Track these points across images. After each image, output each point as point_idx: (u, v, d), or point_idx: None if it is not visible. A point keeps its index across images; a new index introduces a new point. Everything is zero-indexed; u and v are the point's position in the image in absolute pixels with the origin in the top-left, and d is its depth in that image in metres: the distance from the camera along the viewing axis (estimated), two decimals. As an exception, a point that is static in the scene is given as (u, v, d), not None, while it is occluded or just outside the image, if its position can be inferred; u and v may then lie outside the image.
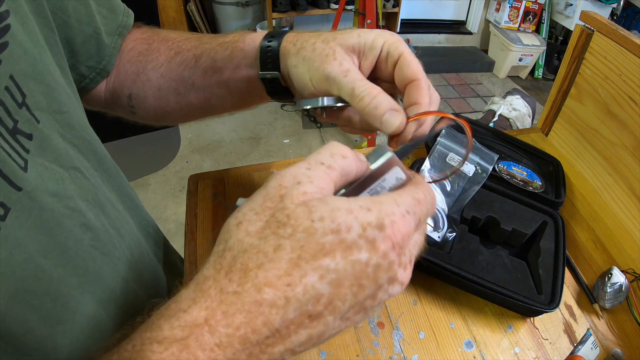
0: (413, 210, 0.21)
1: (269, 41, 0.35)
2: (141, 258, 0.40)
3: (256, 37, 0.36)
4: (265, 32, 0.36)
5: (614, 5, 2.72)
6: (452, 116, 0.29)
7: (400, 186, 0.25)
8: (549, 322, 0.47)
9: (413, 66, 0.31)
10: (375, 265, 0.20)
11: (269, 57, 0.34)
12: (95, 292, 0.31)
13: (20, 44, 0.25)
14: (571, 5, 2.79)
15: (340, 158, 0.22)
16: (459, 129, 0.56)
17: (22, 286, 0.24)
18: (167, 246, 0.53)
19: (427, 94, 0.31)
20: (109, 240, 0.33)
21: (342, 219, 0.19)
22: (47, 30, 0.30)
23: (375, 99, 0.29)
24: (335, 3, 2.54)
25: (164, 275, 0.47)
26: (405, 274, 0.21)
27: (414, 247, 0.23)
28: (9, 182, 0.23)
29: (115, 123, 0.50)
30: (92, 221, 0.31)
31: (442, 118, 0.30)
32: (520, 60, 3.02)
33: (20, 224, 0.24)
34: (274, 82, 0.35)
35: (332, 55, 0.30)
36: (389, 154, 0.24)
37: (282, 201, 0.20)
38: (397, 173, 0.24)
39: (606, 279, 0.48)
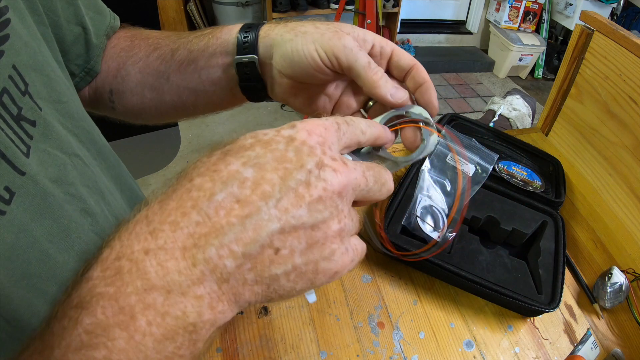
0: (326, 118, 0.23)
1: (246, 31, 0.36)
2: None
3: (232, 28, 0.37)
4: (241, 24, 0.37)
5: (614, 5, 2.72)
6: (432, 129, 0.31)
7: None
8: (549, 322, 0.47)
9: (407, 56, 0.33)
10: (295, 149, 0.20)
11: (247, 43, 0.35)
12: None
13: (20, 37, 0.26)
14: (571, 5, 2.79)
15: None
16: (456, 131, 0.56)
17: (28, 270, 0.25)
18: None
19: (427, 75, 0.33)
20: (108, 226, 0.34)
21: (260, 131, 0.22)
22: (43, 27, 0.31)
23: (384, 76, 0.31)
24: (335, 3, 2.54)
25: None
26: (335, 163, 0.21)
27: (347, 156, 0.24)
28: (12, 167, 0.24)
29: (114, 123, 0.50)
30: (92, 207, 0.32)
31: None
32: (520, 60, 3.02)
33: (25, 208, 0.25)
34: (249, 68, 0.36)
35: (342, 32, 0.31)
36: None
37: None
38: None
39: (606, 279, 0.48)
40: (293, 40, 0.32)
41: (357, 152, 0.28)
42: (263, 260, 0.19)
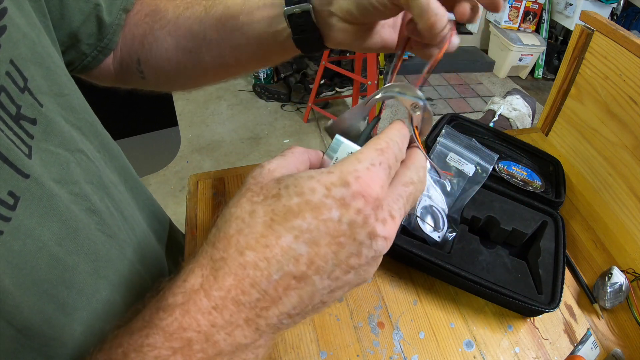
0: (378, 161, 0.21)
1: None
2: (144, 240, 0.41)
3: None
4: None
5: (614, 5, 2.72)
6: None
7: None
8: (549, 322, 0.47)
9: None
10: (349, 222, 0.20)
11: None
12: (108, 276, 0.32)
13: (18, 28, 0.25)
14: (571, 5, 2.79)
15: (293, 149, 0.25)
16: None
17: (37, 276, 0.24)
18: (170, 224, 0.52)
19: None
20: (113, 222, 0.34)
21: (305, 183, 0.20)
22: (40, 15, 0.30)
23: (444, 17, 0.27)
24: (335, 3, 2.54)
25: (165, 257, 0.47)
26: (385, 229, 0.21)
27: (396, 201, 0.22)
28: (15, 170, 0.23)
29: (115, 123, 0.50)
30: (97, 204, 0.31)
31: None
32: (520, 60, 3.02)
33: (32, 212, 0.24)
34: (303, 19, 0.32)
35: None
36: (337, 136, 0.26)
37: (254, 179, 0.22)
38: (347, 148, 0.26)
39: (606, 279, 0.48)
40: None
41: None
42: (309, 312, 0.22)
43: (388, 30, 0.34)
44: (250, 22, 0.34)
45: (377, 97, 0.28)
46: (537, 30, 3.10)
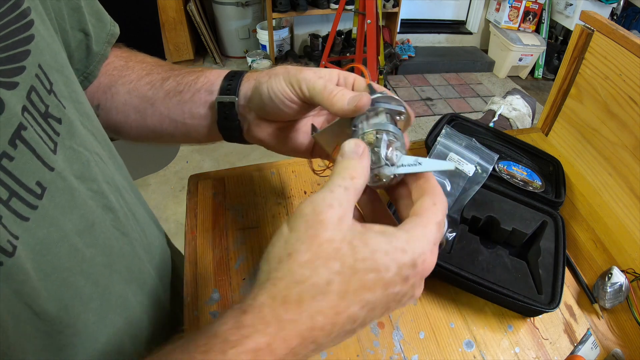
0: (438, 239, 0.25)
1: (230, 78, 0.39)
2: (153, 241, 0.43)
3: (221, 72, 0.40)
4: (227, 70, 0.41)
5: (614, 5, 2.72)
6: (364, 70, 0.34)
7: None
8: (549, 322, 0.47)
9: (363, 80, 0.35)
10: (403, 294, 0.24)
11: (230, 87, 0.38)
12: (121, 271, 0.34)
13: (43, 38, 0.27)
14: (571, 5, 2.79)
15: (349, 180, 0.25)
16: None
17: (58, 264, 0.26)
18: (168, 241, 0.54)
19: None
20: (127, 222, 0.36)
21: (382, 261, 0.22)
22: (54, 31, 0.32)
23: (341, 90, 0.31)
24: (335, 3, 2.54)
25: (171, 260, 0.49)
26: (420, 291, 0.25)
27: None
28: (42, 163, 0.25)
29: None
30: (113, 203, 0.33)
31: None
32: (520, 60, 3.02)
33: (56, 203, 0.26)
34: (228, 109, 0.38)
35: (304, 68, 0.35)
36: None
37: (325, 229, 0.23)
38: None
39: (606, 279, 0.48)
40: (268, 81, 0.35)
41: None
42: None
43: (302, 137, 0.39)
44: (192, 101, 0.40)
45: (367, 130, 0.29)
46: (537, 30, 3.11)
